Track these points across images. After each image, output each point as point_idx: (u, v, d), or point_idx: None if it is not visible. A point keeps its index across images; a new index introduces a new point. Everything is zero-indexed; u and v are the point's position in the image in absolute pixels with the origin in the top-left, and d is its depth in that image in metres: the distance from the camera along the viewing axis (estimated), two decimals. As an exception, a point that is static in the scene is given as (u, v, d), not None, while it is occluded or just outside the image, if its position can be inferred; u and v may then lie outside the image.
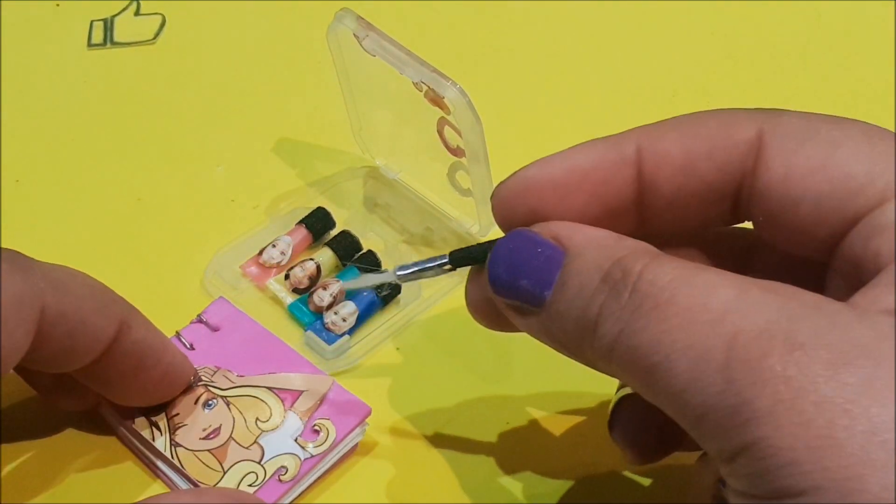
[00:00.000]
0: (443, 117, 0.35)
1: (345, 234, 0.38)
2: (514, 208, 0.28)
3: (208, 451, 0.32)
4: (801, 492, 0.21)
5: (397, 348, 0.36)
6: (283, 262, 0.38)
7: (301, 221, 0.39)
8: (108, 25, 0.49)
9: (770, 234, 0.27)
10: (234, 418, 0.32)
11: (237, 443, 0.32)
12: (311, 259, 0.37)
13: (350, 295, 0.36)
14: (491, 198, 0.29)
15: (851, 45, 0.36)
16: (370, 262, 0.37)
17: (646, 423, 0.29)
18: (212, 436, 0.32)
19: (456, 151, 0.36)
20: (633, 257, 0.25)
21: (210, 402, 0.33)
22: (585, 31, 0.50)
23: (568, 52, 0.48)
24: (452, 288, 0.37)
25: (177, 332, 0.35)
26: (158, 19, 0.49)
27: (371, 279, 0.32)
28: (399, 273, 0.30)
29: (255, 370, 0.34)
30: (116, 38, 0.49)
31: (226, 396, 0.33)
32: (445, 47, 0.47)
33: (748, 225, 0.28)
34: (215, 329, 0.35)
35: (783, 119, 0.26)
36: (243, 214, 0.40)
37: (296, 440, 0.32)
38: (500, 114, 0.44)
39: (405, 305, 0.37)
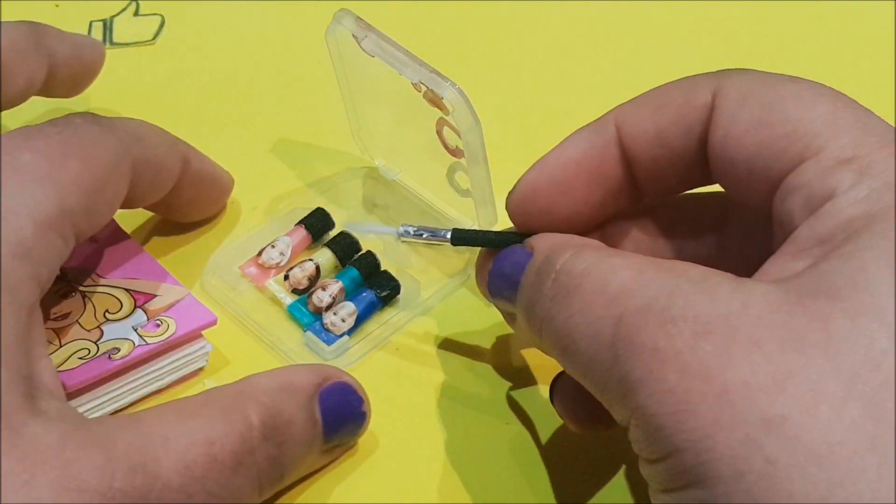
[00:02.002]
0: (442, 118, 0.34)
1: (344, 235, 0.38)
2: (525, 213, 0.31)
3: (51, 329, 0.33)
4: (668, 454, 0.23)
5: (397, 349, 0.36)
6: (282, 263, 0.37)
7: (300, 222, 0.39)
8: (108, 26, 0.49)
9: (728, 193, 0.29)
10: (84, 307, 0.34)
11: (80, 326, 0.33)
12: (311, 260, 0.37)
13: (349, 296, 0.36)
14: (506, 207, 0.31)
15: (851, 45, 0.36)
16: (369, 263, 0.37)
17: (578, 395, 0.30)
18: (59, 318, 0.33)
19: (455, 152, 0.36)
20: (560, 252, 0.27)
21: (69, 294, 0.34)
22: (585, 32, 0.50)
23: (567, 53, 0.49)
24: (452, 291, 0.38)
25: None
26: (158, 20, 0.49)
27: (375, 228, 0.37)
28: (402, 234, 0.34)
29: (120, 276, 0.35)
30: (116, 39, 0.49)
31: (84, 291, 0.34)
32: (445, 47, 0.47)
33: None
34: (94, 239, 0.36)
35: (732, 80, 0.28)
36: (242, 215, 0.40)
37: (136, 329, 0.33)
38: (500, 114, 0.44)
39: (405, 306, 0.37)
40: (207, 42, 0.49)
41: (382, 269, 0.37)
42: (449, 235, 0.33)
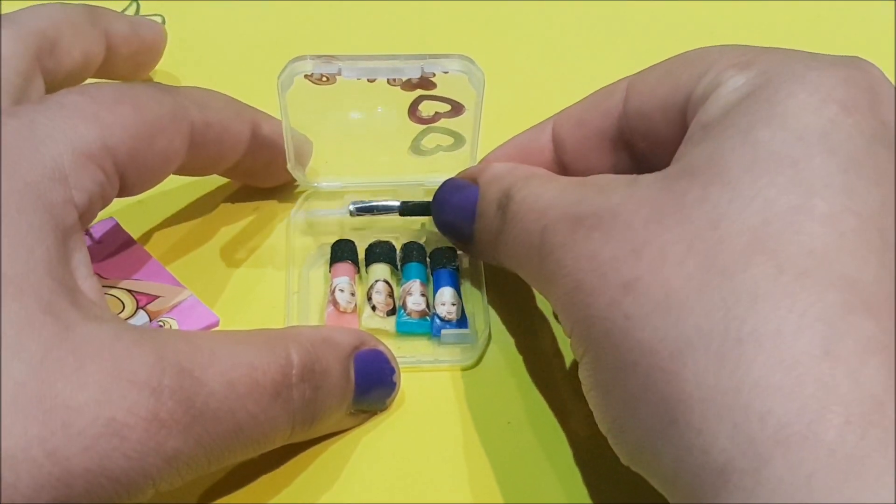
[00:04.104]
0: (420, 95, 0.36)
1: (376, 244, 0.38)
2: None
3: None
4: (571, 332, 0.28)
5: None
6: (356, 302, 0.36)
7: (335, 261, 0.37)
8: (108, 26, 0.49)
9: (653, 153, 0.32)
10: None
11: None
12: (377, 281, 0.36)
13: (433, 285, 0.37)
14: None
15: (851, 45, 0.36)
16: (416, 250, 0.37)
17: None
18: None
19: (429, 119, 0.37)
20: (511, 184, 0.32)
21: None
22: (583, 31, 0.50)
23: (564, 52, 0.49)
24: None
25: None
26: (158, 20, 0.49)
27: (330, 216, 0.38)
28: (352, 208, 0.38)
29: (122, 277, 0.36)
30: (116, 39, 0.49)
31: None
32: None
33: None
34: (98, 241, 0.37)
35: (643, 71, 0.32)
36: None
37: None
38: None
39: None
40: (207, 42, 0.49)
41: (424, 247, 0.38)
42: (397, 208, 0.37)
